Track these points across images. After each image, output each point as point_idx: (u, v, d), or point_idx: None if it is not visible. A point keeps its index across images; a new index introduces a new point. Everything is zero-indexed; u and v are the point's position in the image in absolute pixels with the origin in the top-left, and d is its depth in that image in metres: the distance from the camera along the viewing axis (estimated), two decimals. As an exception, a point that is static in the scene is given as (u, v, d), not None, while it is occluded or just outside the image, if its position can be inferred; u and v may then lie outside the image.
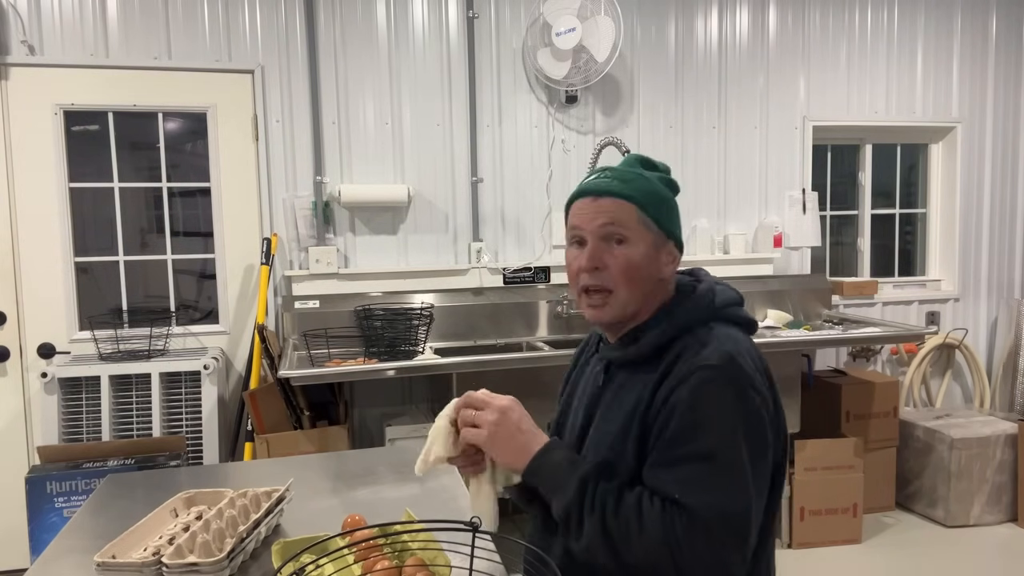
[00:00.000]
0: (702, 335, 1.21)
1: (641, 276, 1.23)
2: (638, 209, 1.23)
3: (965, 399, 4.33)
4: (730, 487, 1.10)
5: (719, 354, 1.16)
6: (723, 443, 1.11)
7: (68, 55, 3.11)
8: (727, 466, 1.11)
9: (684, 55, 3.78)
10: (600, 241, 1.23)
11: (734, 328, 1.26)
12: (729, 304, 1.29)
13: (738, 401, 1.14)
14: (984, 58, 4.17)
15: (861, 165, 4.23)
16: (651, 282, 1.25)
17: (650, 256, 1.23)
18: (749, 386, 1.16)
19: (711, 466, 1.10)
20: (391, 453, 2.21)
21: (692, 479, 1.10)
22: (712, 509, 1.08)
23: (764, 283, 3.80)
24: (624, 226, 1.22)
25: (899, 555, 3.33)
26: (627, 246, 1.22)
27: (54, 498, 2.72)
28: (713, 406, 1.13)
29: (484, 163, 3.57)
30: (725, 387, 1.14)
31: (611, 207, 1.23)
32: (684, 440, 1.13)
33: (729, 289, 1.32)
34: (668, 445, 1.14)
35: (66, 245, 3.17)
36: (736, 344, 1.20)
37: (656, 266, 1.25)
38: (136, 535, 1.35)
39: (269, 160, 3.32)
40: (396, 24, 3.43)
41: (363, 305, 3.29)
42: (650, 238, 1.23)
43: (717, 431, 1.12)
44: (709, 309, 1.26)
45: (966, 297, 4.26)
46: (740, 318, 1.29)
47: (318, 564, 1.17)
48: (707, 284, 1.30)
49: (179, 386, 3.07)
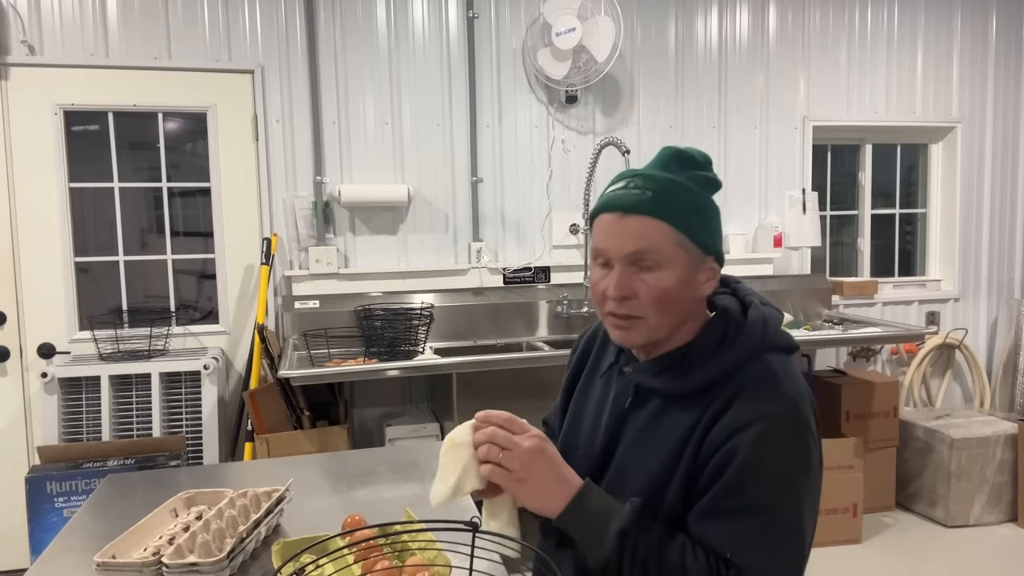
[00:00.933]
0: (760, 372, 1.10)
1: (676, 302, 1.11)
2: (672, 227, 1.08)
3: (965, 399, 4.33)
4: (783, 545, 1.04)
5: (783, 401, 1.07)
6: (780, 498, 1.04)
7: (68, 55, 3.11)
8: (782, 523, 1.04)
9: (684, 55, 3.78)
10: (628, 266, 1.10)
11: (784, 355, 1.16)
12: (777, 329, 1.17)
13: (799, 453, 1.06)
14: (984, 58, 4.17)
15: (861, 165, 4.23)
16: (687, 305, 1.13)
17: (686, 280, 1.10)
18: (809, 434, 1.08)
19: (765, 522, 1.03)
20: (391, 453, 2.21)
21: (744, 535, 1.03)
22: (764, 569, 1.02)
23: (764, 283, 3.80)
24: (656, 250, 1.08)
25: (899, 555, 3.33)
26: (660, 272, 1.09)
27: (54, 498, 2.72)
28: (773, 459, 1.05)
29: (484, 163, 3.57)
30: (787, 439, 1.06)
31: (641, 229, 1.08)
32: (739, 492, 1.04)
33: (775, 311, 1.20)
34: (721, 495, 1.05)
35: (66, 245, 3.17)
36: (797, 385, 1.10)
37: (693, 288, 1.12)
38: (136, 535, 1.35)
39: (269, 160, 3.32)
40: (396, 24, 3.43)
41: (363, 305, 3.29)
42: (686, 260, 1.10)
43: (775, 485, 1.04)
44: (763, 340, 1.14)
45: (966, 297, 4.26)
46: (787, 344, 1.18)
47: (318, 564, 1.17)
48: (757, 310, 1.17)
49: (179, 386, 3.07)
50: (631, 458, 1.16)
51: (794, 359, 1.18)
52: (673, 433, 1.12)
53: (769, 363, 1.12)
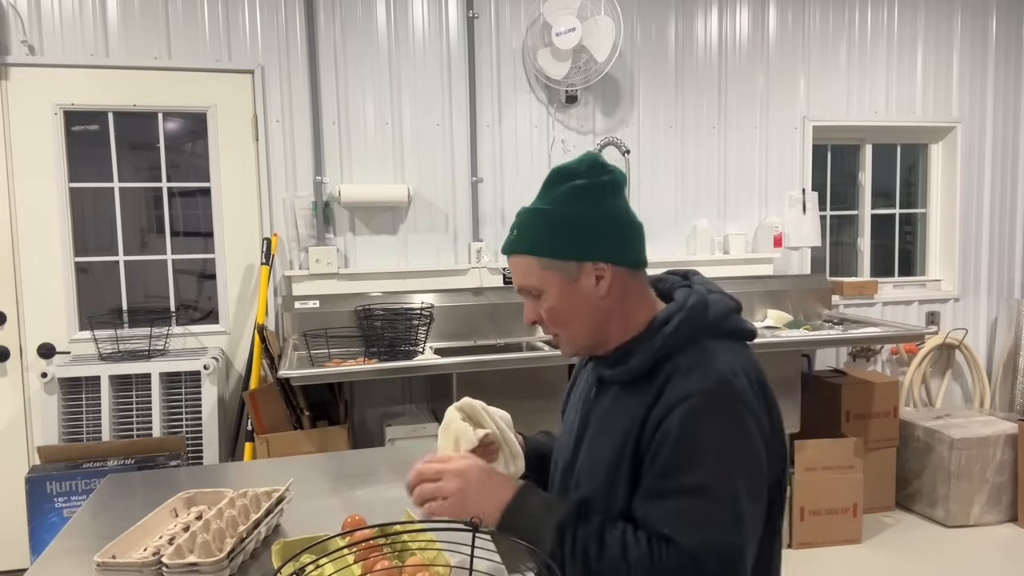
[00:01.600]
0: (693, 355, 1.14)
1: (572, 315, 1.19)
2: (535, 257, 1.18)
3: (965, 399, 4.33)
4: (722, 521, 1.05)
5: (711, 377, 1.10)
6: (715, 475, 1.06)
7: (68, 55, 3.11)
8: (719, 499, 1.05)
9: (684, 55, 3.78)
10: (528, 298, 1.23)
11: (730, 342, 1.19)
12: (724, 315, 1.20)
13: (731, 428, 1.09)
14: (984, 58, 4.17)
15: (861, 165, 4.23)
16: (591, 312, 1.19)
17: (567, 294, 1.18)
18: (743, 409, 1.10)
19: (702, 499, 1.05)
20: (391, 453, 2.21)
21: (682, 512, 1.05)
22: (703, 543, 1.03)
23: (764, 283, 3.80)
24: (530, 284, 1.20)
25: (899, 555, 3.33)
26: (544, 298, 1.20)
27: (54, 498, 2.72)
28: (704, 436, 1.07)
29: (484, 163, 3.57)
30: (717, 414, 1.08)
31: (517, 266, 1.21)
32: (675, 472, 1.07)
33: (724, 297, 1.23)
34: (658, 477, 1.08)
35: (66, 245, 3.17)
36: (730, 363, 1.13)
37: (583, 296, 1.18)
38: (136, 535, 1.35)
39: (269, 160, 3.32)
40: (396, 24, 3.43)
41: (363, 305, 3.29)
42: (558, 279, 1.18)
43: (709, 463, 1.06)
44: (701, 323, 1.17)
45: (966, 297, 4.26)
46: (736, 330, 1.21)
47: (318, 564, 1.17)
48: (698, 296, 1.20)
49: (179, 386, 3.07)
50: (593, 447, 1.23)
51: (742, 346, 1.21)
52: (622, 421, 1.17)
53: (705, 346, 1.16)
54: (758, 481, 1.11)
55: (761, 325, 3.62)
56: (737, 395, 1.10)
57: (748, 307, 3.73)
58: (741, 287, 3.72)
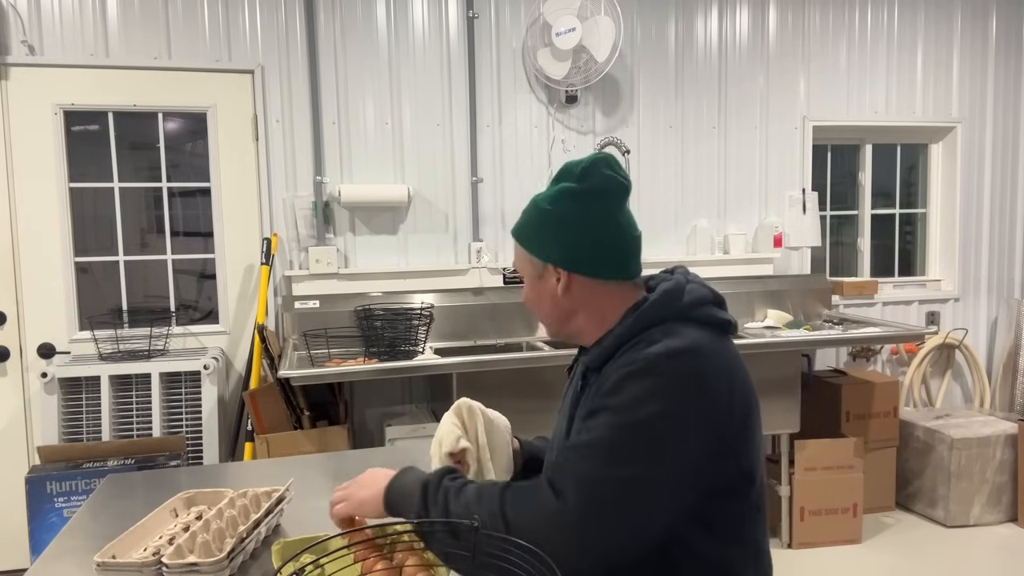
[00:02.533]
0: (656, 334, 1.14)
1: (537, 303, 1.29)
2: (522, 247, 1.28)
3: (965, 399, 4.33)
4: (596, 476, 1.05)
5: (662, 348, 1.10)
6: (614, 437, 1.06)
7: (68, 55, 3.11)
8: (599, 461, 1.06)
9: (684, 55, 3.78)
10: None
11: (698, 328, 1.17)
12: (699, 303, 1.20)
13: (664, 396, 1.06)
14: (984, 58, 4.18)
15: (861, 165, 4.23)
16: (554, 305, 1.27)
17: (534, 285, 1.28)
18: (685, 385, 1.07)
19: (583, 455, 1.08)
20: (391, 453, 2.21)
21: (561, 465, 1.10)
22: (563, 479, 1.08)
23: (764, 283, 3.80)
24: (519, 267, 1.31)
25: (899, 555, 3.34)
26: (526, 283, 1.31)
27: (54, 498, 2.72)
28: (624, 397, 1.08)
29: (484, 163, 3.57)
30: (649, 380, 1.07)
31: (516, 250, 1.31)
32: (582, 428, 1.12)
33: (702, 287, 1.23)
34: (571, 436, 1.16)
35: (66, 245, 3.17)
36: (692, 342, 1.11)
37: (546, 290, 1.27)
38: (136, 535, 1.35)
39: (269, 160, 3.32)
40: (396, 24, 3.43)
41: (363, 305, 3.29)
42: (529, 269, 1.28)
43: (617, 423, 1.07)
44: (673, 308, 1.18)
45: (966, 297, 4.26)
46: (711, 318, 1.19)
47: (318, 564, 1.17)
48: (675, 282, 1.22)
49: (179, 386, 3.07)
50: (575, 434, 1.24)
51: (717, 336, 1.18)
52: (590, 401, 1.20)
53: (671, 327, 1.16)
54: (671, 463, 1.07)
55: (761, 325, 3.62)
56: (686, 368, 1.08)
57: (748, 307, 3.74)
58: (741, 287, 3.72)
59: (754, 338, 3.18)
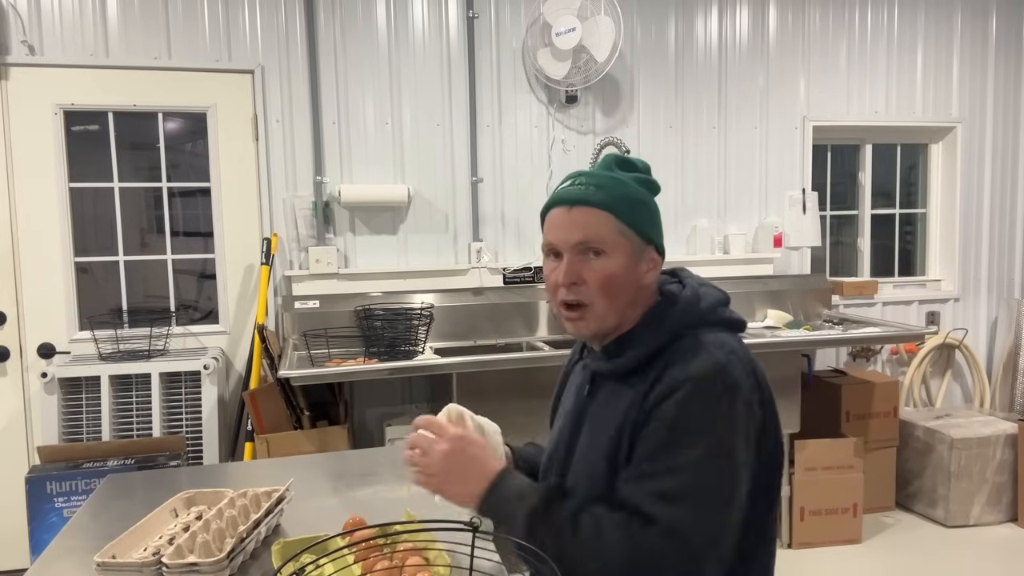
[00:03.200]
0: (689, 344, 1.16)
1: (620, 288, 1.18)
2: (615, 217, 1.17)
3: (965, 399, 4.33)
4: (703, 502, 1.06)
5: (707, 364, 1.12)
6: (702, 458, 1.07)
7: (68, 55, 3.10)
8: (706, 480, 1.06)
9: (684, 55, 3.78)
10: (576, 255, 1.18)
11: (722, 331, 1.21)
12: (715, 306, 1.23)
13: (724, 414, 1.09)
14: (984, 58, 4.17)
15: (861, 165, 4.23)
16: (631, 292, 1.20)
17: (629, 266, 1.18)
18: (738, 396, 1.11)
19: (688, 480, 1.06)
20: (391, 453, 2.21)
21: (665, 492, 1.06)
22: (682, 522, 1.04)
23: (764, 283, 3.80)
24: (601, 238, 1.17)
25: (899, 555, 3.33)
26: (605, 258, 1.17)
27: (54, 498, 2.72)
28: (695, 420, 1.08)
29: (484, 163, 3.57)
30: (711, 399, 1.09)
31: (586, 218, 1.17)
32: (662, 454, 1.08)
33: (714, 290, 1.26)
34: (646, 459, 1.10)
35: (66, 245, 3.17)
36: (725, 351, 1.15)
37: (636, 275, 1.20)
38: (136, 535, 1.35)
39: (269, 160, 3.32)
40: (396, 24, 3.43)
41: (363, 305, 3.29)
42: (628, 247, 1.18)
43: (697, 446, 1.07)
44: (695, 315, 1.20)
45: (966, 297, 4.26)
46: (727, 320, 1.23)
47: (318, 564, 1.17)
48: (691, 288, 1.24)
49: (179, 386, 3.07)
50: (589, 443, 1.23)
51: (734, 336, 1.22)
52: (619, 410, 1.18)
53: (699, 335, 1.18)
54: (742, 469, 1.11)
55: (761, 325, 3.62)
56: (731, 382, 1.11)
57: (748, 307, 3.73)
58: (741, 287, 3.72)
59: (754, 338, 3.17)
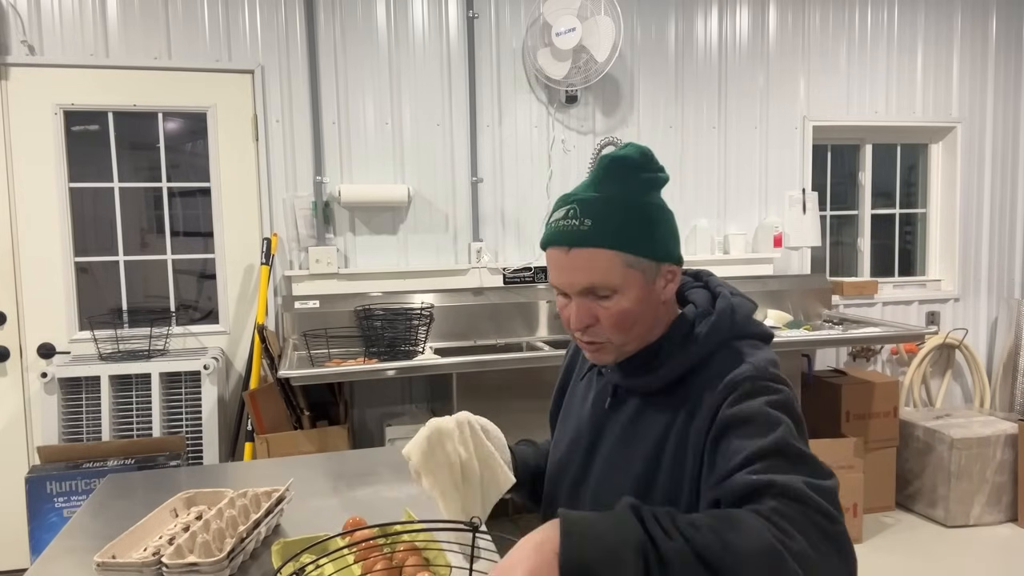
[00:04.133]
0: (728, 357, 1.09)
1: (637, 320, 1.09)
2: (619, 253, 1.05)
3: (965, 399, 4.33)
4: (808, 465, 0.96)
5: (754, 364, 1.07)
6: (784, 437, 0.97)
7: (68, 55, 3.10)
8: (797, 454, 0.97)
9: (684, 55, 3.78)
10: (585, 298, 1.09)
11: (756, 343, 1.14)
12: (749, 317, 1.16)
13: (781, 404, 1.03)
14: (984, 58, 4.17)
15: (861, 165, 4.23)
16: (651, 317, 1.12)
17: (643, 297, 1.09)
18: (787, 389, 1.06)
19: (782, 457, 0.95)
20: (391, 453, 2.21)
21: (767, 469, 0.93)
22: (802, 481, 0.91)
23: (764, 283, 3.80)
24: (607, 281, 1.06)
25: (899, 555, 3.33)
26: (616, 297, 1.07)
27: (54, 498, 2.72)
28: (761, 409, 1.01)
29: (484, 163, 3.57)
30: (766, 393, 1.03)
31: (587, 262, 1.05)
32: (746, 448, 0.97)
33: (745, 300, 1.18)
34: (730, 458, 0.98)
35: (66, 245, 3.17)
36: (763, 358, 1.09)
37: (653, 298, 1.10)
38: (136, 535, 1.35)
39: (269, 160, 3.32)
40: (396, 24, 3.43)
41: (363, 305, 3.29)
42: (639, 278, 1.07)
43: (775, 428, 0.98)
44: (731, 329, 1.13)
45: (966, 297, 4.26)
46: (761, 334, 1.16)
47: (318, 564, 1.17)
48: (725, 300, 1.16)
49: (179, 386, 3.07)
50: (615, 459, 1.16)
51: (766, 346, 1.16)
52: (653, 430, 1.11)
53: (737, 347, 1.11)
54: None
55: (761, 325, 3.61)
56: (777, 378, 1.06)
57: (748, 307, 3.73)
58: (741, 287, 3.69)
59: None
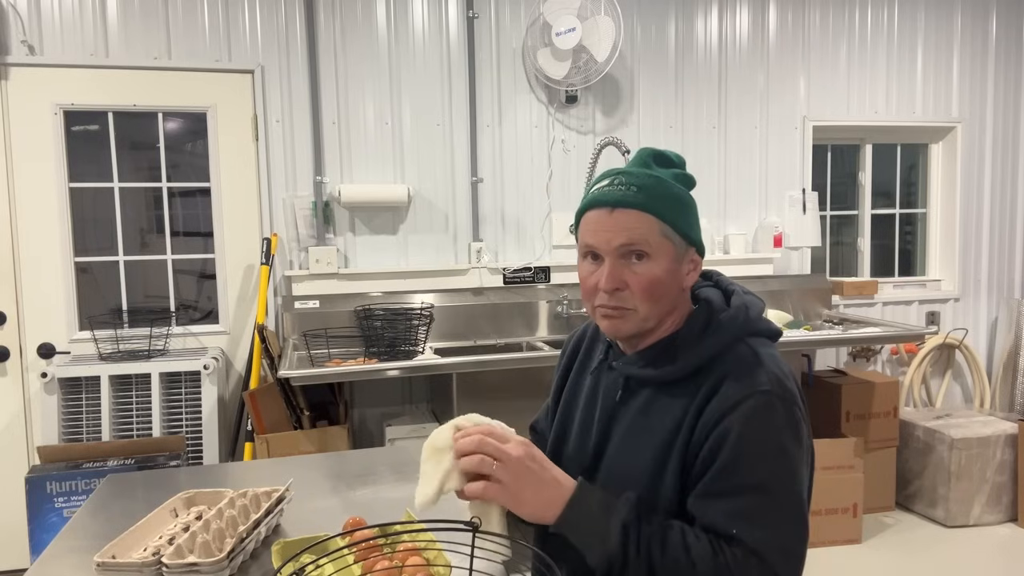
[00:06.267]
0: (744, 355, 1.14)
1: (665, 292, 1.14)
2: (658, 219, 1.12)
3: (965, 399, 4.33)
4: (786, 520, 1.05)
5: (768, 378, 1.10)
6: (777, 473, 1.06)
7: (68, 55, 3.11)
8: (782, 497, 1.05)
9: (684, 55, 3.78)
10: (619, 259, 1.14)
11: (766, 341, 1.19)
12: (760, 315, 1.21)
13: (791, 428, 1.08)
14: (984, 58, 4.17)
15: (861, 165, 4.23)
16: (674, 295, 1.17)
17: (672, 270, 1.14)
18: (797, 408, 1.10)
19: (766, 498, 1.05)
20: (391, 453, 2.21)
21: (746, 512, 1.04)
22: (766, 542, 1.02)
23: (764, 283, 3.80)
24: (645, 240, 1.12)
25: (899, 555, 3.33)
26: (648, 262, 1.13)
27: (54, 498, 2.72)
28: (765, 435, 1.07)
29: (484, 163, 3.57)
30: (778, 414, 1.08)
31: (629, 220, 1.12)
32: (735, 471, 1.06)
33: (756, 299, 1.24)
34: (718, 476, 1.06)
35: (66, 245, 3.17)
36: (779, 365, 1.14)
37: (679, 277, 1.16)
38: (136, 535, 1.35)
39: (269, 160, 3.32)
40: (396, 24, 3.43)
41: (363, 305, 3.29)
42: (672, 250, 1.14)
43: (771, 461, 1.06)
44: (745, 325, 1.17)
45: (966, 297, 4.26)
46: (771, 332, 1.22)
47: (318, 564, 1.17)
48: (739, 297, 1.22)
49: (179, 386, 3.07)
50: (625, 451, 1.18)
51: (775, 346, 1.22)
52: (664, 422, 1.14)
53: (752, 346, 1.16)
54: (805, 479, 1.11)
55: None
56: (792, 397, 1.11)
57: (748, 307, 3.73)
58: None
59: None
